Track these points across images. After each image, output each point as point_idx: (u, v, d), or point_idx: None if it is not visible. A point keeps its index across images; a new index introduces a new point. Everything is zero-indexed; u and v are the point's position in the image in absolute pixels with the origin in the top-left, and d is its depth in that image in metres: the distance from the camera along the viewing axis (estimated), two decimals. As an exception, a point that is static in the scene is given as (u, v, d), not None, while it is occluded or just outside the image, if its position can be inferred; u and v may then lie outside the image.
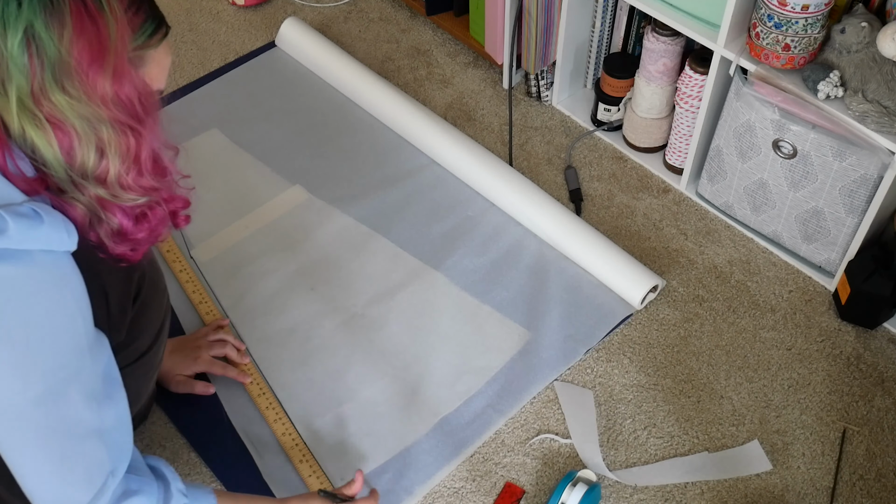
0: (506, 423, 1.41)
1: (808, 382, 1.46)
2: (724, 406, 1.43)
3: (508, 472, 1.36)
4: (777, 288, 1.58)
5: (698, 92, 1.60)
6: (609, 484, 1.34)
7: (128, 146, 0.86)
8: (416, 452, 1.37)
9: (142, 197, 0.90)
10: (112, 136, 0.84)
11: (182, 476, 1.35)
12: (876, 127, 1.35)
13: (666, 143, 1.77)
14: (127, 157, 0.86)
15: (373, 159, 1.80)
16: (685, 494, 1.33)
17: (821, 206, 1.50)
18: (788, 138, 1.45)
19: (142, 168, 0.89)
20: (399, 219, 1.69)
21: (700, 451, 1.38)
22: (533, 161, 1.81)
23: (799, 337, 1.52)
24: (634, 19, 1.74)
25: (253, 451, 1.37)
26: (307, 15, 2.13)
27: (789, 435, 1.40)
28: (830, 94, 1.39)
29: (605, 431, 1.40)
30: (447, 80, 1.97)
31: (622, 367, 1.48)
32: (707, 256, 1.63)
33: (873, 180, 1.40)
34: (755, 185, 1.56)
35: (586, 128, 1.86)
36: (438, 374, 1.46)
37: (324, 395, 1.43)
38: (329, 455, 1.37)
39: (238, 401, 1.42)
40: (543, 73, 1.86)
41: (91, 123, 0.83)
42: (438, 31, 2.09)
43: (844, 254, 1.52)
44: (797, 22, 1.36)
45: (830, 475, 1.36)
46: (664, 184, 1.76)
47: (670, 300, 1.57)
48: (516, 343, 1.50)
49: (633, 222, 1.69)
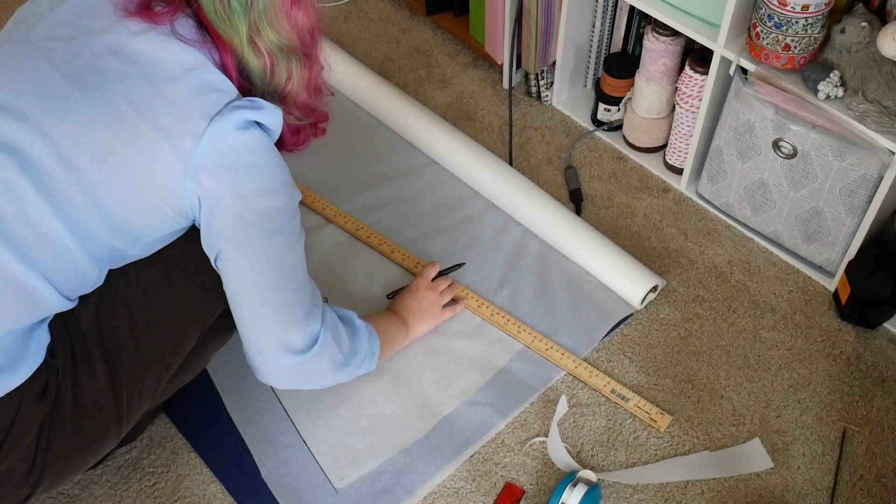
0: (506, 423, 1.41)
1: (809, 382, 1.46)
2: (725, 406, 1.43)
3: (508, 472, 1.36)
4: (777, 288, 1.58)
5: (698, 92, 1.60)
6: (609, 484, 1.34)
7: (305, 72, 1.11)
8: (416, 452, 1.37)
9: (304, 118, 1.16)
10: (297, 64, 1.09)
11: (182, 476, 1.35)
12: (876, 127, 1.35)
13: (666, 143, 1.77)
14: (303, 80, 1.11)
15: (373, 159, 1.80)
16: (685, 494, 1.33)
17: (821, 206, 1.50)
18: (788, 138, 1.45)
19: (310, 90, 1.14)
20: (399, 219, 1.69)
21: (700, 451, 1.38)
22: (533, 161, 1.81)
23: (799, 337, 1.52)
24: (634, 19, 1.74)
25: (253, 450, 1.37)
26: (307, 15, 2.13)
27: (789, 435, 1.40)
28: (830, 94, 1.39)
29: (606, 431, 1.40)
30: (447, 80, 1.97)
31: (622, 366, 1.48)
32: (707, 256, 1.63)
33: (873, 180, 1.40)
34: (755, 185, 1.56)
35: (586, 128, 1.86)
36: (439, 374, 1.46)
37: (324, 394, 1.43)
38: (329, 455, 1.37)
39: (238, 400, 1.42)
40: (543, 73, 1.86)
41: (286, 53, 1.07)
42: (438, 31, 2.09)
43: (844, 254, 1.52)
44: (797, 22, 1.36)
45: (830, 475, 1.36)
46: (664, 184, 1.76)
47: (670, 300, 1.57)
48: (516, 343, 1.50)
49: (633, 222, 1.69)
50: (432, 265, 1.56)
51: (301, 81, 1.11)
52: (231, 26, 1.03)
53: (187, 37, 1.03)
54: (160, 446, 1.38)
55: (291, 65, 1.09)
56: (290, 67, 1.09)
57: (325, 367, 1.21)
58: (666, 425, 1.39)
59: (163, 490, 1.34)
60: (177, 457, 1.37)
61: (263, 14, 1.03)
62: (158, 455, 1.38)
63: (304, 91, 1.13)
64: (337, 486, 1.34)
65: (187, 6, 1.03)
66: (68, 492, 1.33)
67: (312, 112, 1.17)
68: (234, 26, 1.03)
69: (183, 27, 1.03)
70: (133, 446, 1.38)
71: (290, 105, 1.13)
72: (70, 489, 1.34)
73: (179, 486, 1.35)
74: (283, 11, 1.04)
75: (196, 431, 1.40)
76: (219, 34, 1.04)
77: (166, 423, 1.41)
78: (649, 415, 1.40)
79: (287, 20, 1.05)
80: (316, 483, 1.34)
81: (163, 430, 1.40)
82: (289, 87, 1.10)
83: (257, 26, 1.03)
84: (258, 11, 1.02)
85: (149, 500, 1.33)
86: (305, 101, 1.14)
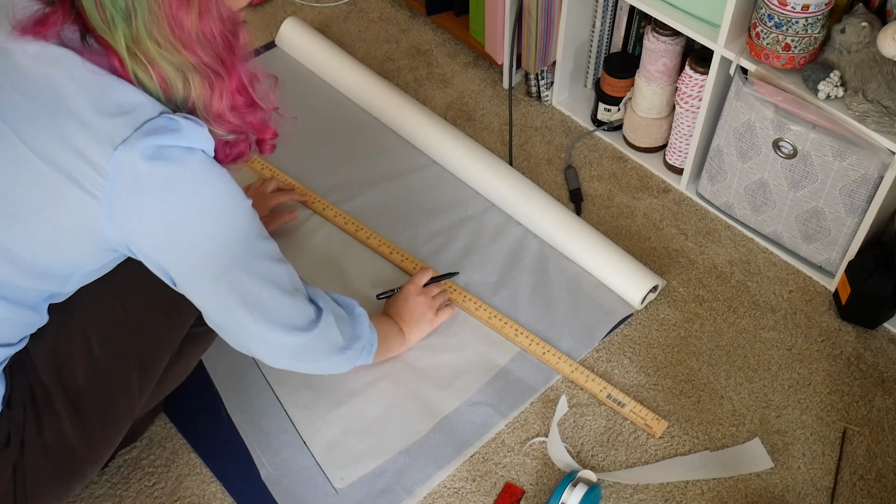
0: (506, 423, 1.41)
1: (809, 382, 1.46)
2: (725, 406, 1.43)
3: (508, 472, 1.36)
4: (777, 288, 1.58)
5: (698, 92, 1.60)
6: (609, 484, 1.34)
7: (209, 88, 0.94)
8: (416, 452, 1.37)
9: (229, 134, 1.00)
10: (195, 79, 0.93)
11: (182, 476, 1.35)
12: (876, 127, 1.35)
13: (666, 143, 1.77)
14: (211, 96, 0.95)
15: (372, 159, 1.80)
16: (685, 494, 1.33)
17: (821, 206, 1.49)
18: (789, 138, 1.45)
19: (226, 106, 0.97)
20: (399, 219, 1.69)
21: (700, 451, 1.38)
22: (533, 161, 1.80)
23: (799, 337, 1.52)
24: (634, 19, 1.74)
25: (253, 451, 1.37)
26: (307, 15, 2.13)
27: (789, 435, 1.40)
28: (831, 94, 1.39)
29: (606, 431, 1.40)
30: (447, 80, 1.97)
31: (622, 367, 1.48)
32: (707, 256, 1.63)
33: (873, 180, 1.40)
34: (755, 185, 1.56)
35: (586, 128, 1.86)
36: (439, 374, 1.46)
37: (324, 394, 1.43)
38: (329, 455, 1.37)
39: (238, 400, 1.42)
40: (543, 72, 1.86)
41: (177, 68, 0.92)
42: (438, 31, 2.08)
43: (845, 254, 1.52)
44: (797, 22, 1.36)
45: (830, 475, 1.35)
46: (664, 184, 1.76)
47: (670, 300, 1.57)
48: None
49: (633, 222, 1.69)
50: (425, 271, 1.52)
51: (207, 98, 0.95)
52: (111, 35, 0.90)
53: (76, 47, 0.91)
54: (160, 446, 1.38)
55: (189, 80, 0.93)
56: (187, 81, 0.93)
57: (325, 349, 1.19)
58: (662, 431, 1.39)
59: (163, 490, 1.34)
60: (177, 457, 1.37)
61: (142, 22, 0.88)
62: (158, 455, 1.38)
63: (216, 108, 0.97)
64: (337, 487, 1.34)
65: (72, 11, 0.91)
66: (68, 492, 1.33)
67: (241, 131, 1.02)
68: (113, 35, 0.90)
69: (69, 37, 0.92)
70: (133, 446, 1.38)
71: (209, 122, 0.98)
72: (70, 489, 1.34)
73: (179, 486, 1.35)
74: (164, 19, 0.88)
75: (196, 432, 1.40)
76: (106, 43, 0.91)
77: (166, 423, 1.41)
78: (644, 420, 1.40)
79: (171, 29, 0.89)
80: (316, 483, 1.34)
81: (163, 430, 1.40)
82: (191, 102, 0.95)
83: (137, 37, 0.89)
84: (136, 19, 0.88)
85: (149, 500, 1.33)
86: (224, 118, 0.98)
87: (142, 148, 0.89)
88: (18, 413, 1.05)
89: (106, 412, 1.11)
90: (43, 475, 1.07)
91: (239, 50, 0.97)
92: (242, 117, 1.00)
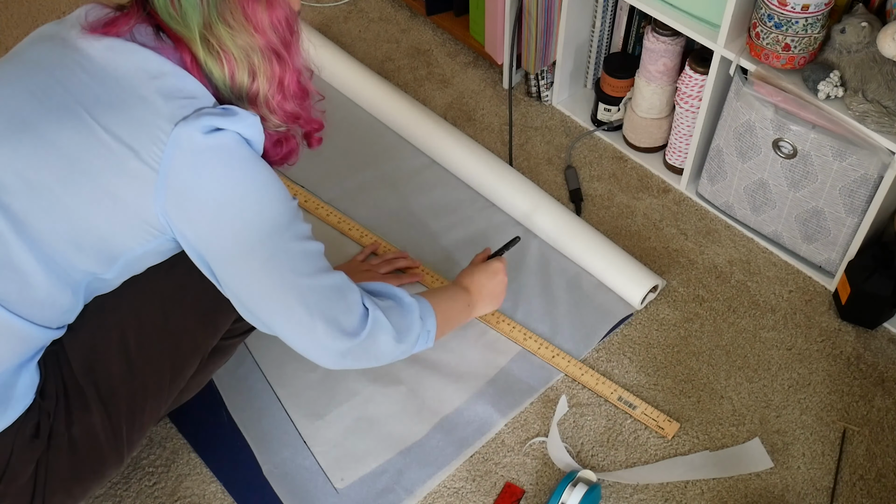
0: (506, 423, 1.41)
1: (809, 382, 1.46)
2: (725, 406, 1.43)
3: (508, 472, 1.36)
4: (777, 288, 1.58)
5: (698, 92, 1.60)
6: (609, 484, 1.34)
7: (273, 71, 1.02)
8: (416, 452, 1.37)
9: (284, 124, 1.07)
10: (262, 62, 1.00)
11: (182, 476, 1.35)
12: (876, 127, 1.35)
13: (666, 143, 1.77)
14: (273, 80, 1.02)
15: (373, 159, 1.80)
16: (685, 494, 1.33)
17: (821, 206, 1.50)
18: (788, 138, 1.45)
19: (286, 92, 1.05)
20: (398, 219, 1.69)
21: (700, 451, 1.38)
22: (533, 161, 1.81)
23: (799, 337, 1.52)
24: (634, 19, 1.74)
25: (255, 449, 1.37)
26: (307, 15, 2.13)
27: (789, 435, 1.40)
28: (830, 94, 1.39)
29: (606, 431, 1.40)
30: (447, 80, 1.97)
31: (622, 367, 1.48)
32: (707, 256, 1.63)
33: (873, 180, 1.40)
34: (755, 185, 1.56)
35: (586, 128, 1.86)
36: (439, 373, 1.46)
37: (324, 394, 1.43)
38: (329, 455, 1.37)
39: (238, 400, 1.42)
40: (543, 73, 1.86)
41: (245, 51, 0.99)
42: (438, 31, 2.09)
43: (845, 254, 1.52)
44: (797, 22, 1.36)
45: (830, 475, 1.36)
46: (664, 184, 1.76)
47: (670, 300, 1.57)
48: (516, 343, 1.50)
49: (633, 222, 1.69)
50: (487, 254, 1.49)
51: (269, 82, 1.02)
52: (184, 25, 0.97)
53: (148, 43, 0.98)
54: (160, 446, 1.38)
55: (254, 63, 1.00)
56: (252, 66, 1.00)
57: (381, 346, 1.15)
58: (674, 433, 1.39)
59: (163, 490, 1.34)
60: (177, 457, 1.37)
61: (214, 8, 0.96)
62: (158, 455, 1.38)
63: (277, 93, 1.04)
64: (337, 487, 1.34)
65: (143, 12, 0.99)
66: (68, 492, 1.33)
67: (296, 119, 1.10)
68: (186, 25, 0.97)
69: (142, 34, 0.99)
70: (133, 446, 1.38)
71: (264, 110, 1.04)
72: (70, 489, 1.34)
73: (179, 486, 1.35)
74: (238, 5, 0.97)
75: (196, 431, 1.40)
76: (177, 36, 0.98)
77: (166, 423, 1.41)
78: (657, 422, 1.40)
79: (244, 14, 0.97)
80: (316, 483, 1.34)
81: (163, 430, 1.40)
82: (255, 88, 1.02)
83: (209, 23, 0.97)
84: (209, 6, 0.96)
85: (149, 500, 1.33)
86: (282, 105, 1.05)
87: (200, 125, 0.95)
88: (50, 404, 1.06)
89: (135, 414, 1.12)
90: (65, 472, 1.07)
91: (297, 37, 1.05)
92: (299, 103, 1.08)
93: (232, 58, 0.99)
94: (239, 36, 0.98)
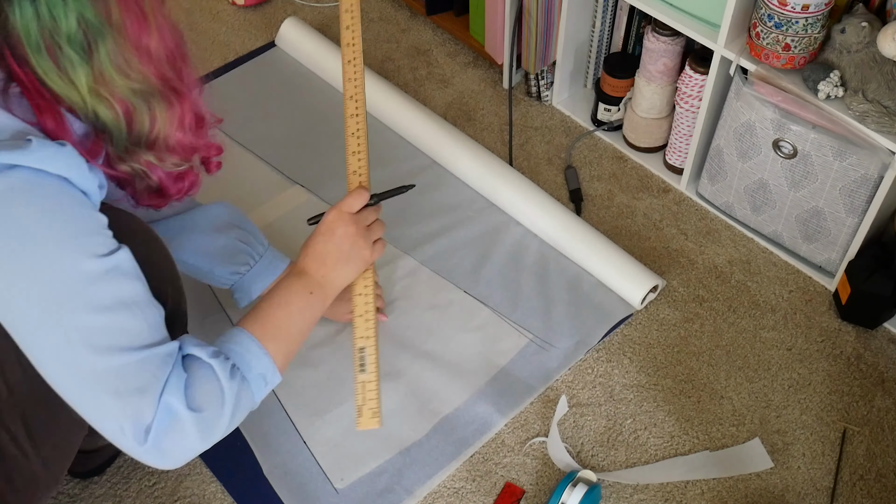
0: (506, 423, 1.41)
1: (809, 382, 1.46)
2: (725, 406, 1.43)
3: (508, 472, 1.36)
4: (777, 288, 1.58)
5: (698, 92, 1.60)
6: (609, 484, 1.34)
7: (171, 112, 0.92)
8: (416, 452, 1.37)
9: (183, 162, 0.98)
10: (160, 106, 0.91)
11: (182, 476, 1.35)
12: (876, 127, 1.35)
13: (666, 143, 1.77)
14: (170, 122, 0.93)
15: (373, 159, 1.80)
16: (685, 494, 1.33)
17: (821, 206, 1.50)
18: (789, 138, 1.45)
19: (186, 128, 0.95)
20: (398, 219, 1.69)
21: (701, 451, 1.38)
22: (533, 161, 1.81)
23: (799, 337, 1.52)
24: (634, 19, 1.74)
25: (255, 449, 1.37)
26: (307, 15, 2.13)
27: (789, 435, 1.40)
28: (831, 94, 1.39)
29: (606, 431, 1.40)
30: (447, 79, 1.97)
31: (622, 367, 1.48)
32: (707, 256, 1.63)
33: (873, 180, 1.40)
34: (755, 185, 1.56)
35: (586, 128, 1.86)
36: (438, 373, 1.46)
37: (324, 394, 1.43)
38: (329, 455, 1.37)
39: (238, 401, 1.42)
40: (543, 72, 1.86)
41: (144, 97, 0.89)
42: (438, 31, 2.09)
43: (845, 254, 1.52)
44: (797, 22, 1.36)
45: (830, 475, 1.36)
46: (664, 184, 1.76)
47: (670, 300, 1.57)
48: (516, 343, 1.50)
49: (633, 222, 1.69)
50: (359, 192, 1.22)
51: (170, 121, 0.92)
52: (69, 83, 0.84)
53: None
54: (160, 446, 1.38)
55: (154, 106, 0.90)
56: (152, 110, 0.90)
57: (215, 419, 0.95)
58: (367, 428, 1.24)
59: (163, 490, 1.34)
60: (177, 457, 1.37)
61: (109, 59, 0.84)
62: (158, 455, 1.38)
63: (177, 131, 0.94)
64: (337, 487, 1.34)
65: None
66: (68, 491, 1.33)
67: (194, 151, 0.99)
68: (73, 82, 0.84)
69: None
70: (133, 446, 1.38)
71: (162, 151, 0.94)
72: (70, 489, 1.34)
73: (179, 486, 1.35)
74: (131, 50, 0.85)
75: (196, 431, 1.40)
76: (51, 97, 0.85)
77: (166, 423, 1.41)
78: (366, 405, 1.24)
79: (140, 57, 0.86)
80: (316, 483, 1.34)
81: (163, 430, 1.40)
82: (154, 131, 0.91)
83: (102, 74, 0.84)
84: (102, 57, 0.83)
85: (149, 500, 1.33)
86: (182, 141, 0.95)
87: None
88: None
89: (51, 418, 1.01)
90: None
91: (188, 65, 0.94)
92: (198, 134, 0.98)
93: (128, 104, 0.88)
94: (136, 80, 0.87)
